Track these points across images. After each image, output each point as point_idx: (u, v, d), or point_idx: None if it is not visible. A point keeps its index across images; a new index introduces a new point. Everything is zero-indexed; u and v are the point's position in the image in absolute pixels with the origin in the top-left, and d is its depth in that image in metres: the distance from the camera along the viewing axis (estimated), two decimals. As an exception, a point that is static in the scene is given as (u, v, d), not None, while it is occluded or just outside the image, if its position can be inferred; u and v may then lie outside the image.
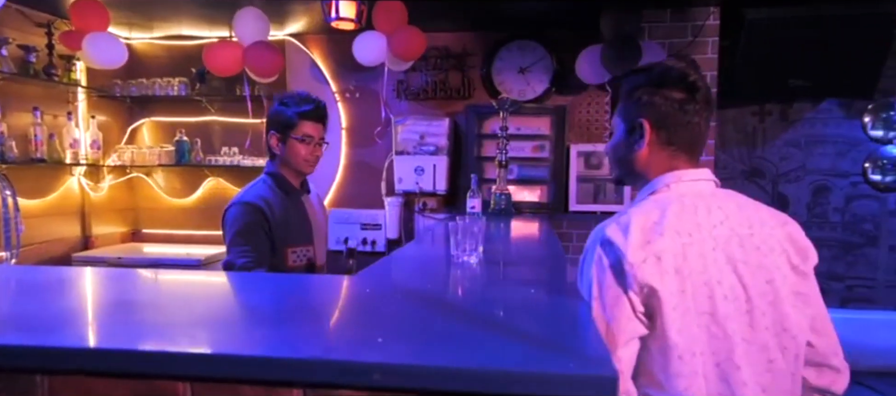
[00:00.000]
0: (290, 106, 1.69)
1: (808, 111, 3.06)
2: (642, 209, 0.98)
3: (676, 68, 1.03)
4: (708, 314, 0.92)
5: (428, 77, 3.41)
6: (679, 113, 1.01)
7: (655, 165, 1.04)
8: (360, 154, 3.55)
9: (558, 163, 3.07)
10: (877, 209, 3.01)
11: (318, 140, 1.74)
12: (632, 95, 1.06)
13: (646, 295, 0.92)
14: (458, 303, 0.96)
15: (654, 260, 0.91)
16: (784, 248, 0.96)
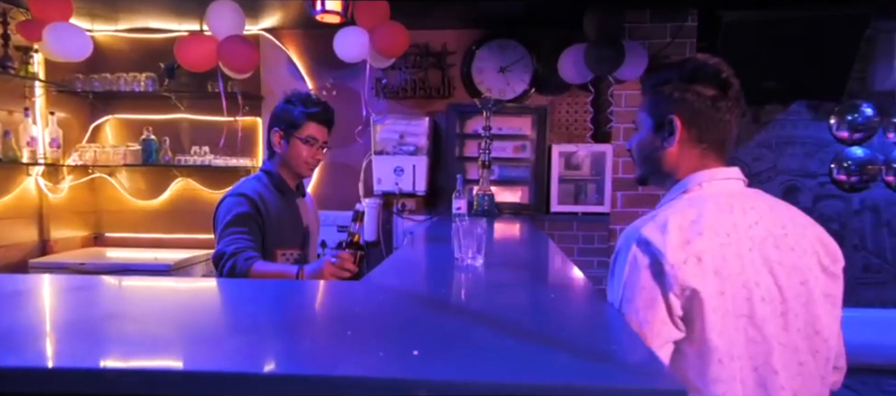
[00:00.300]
0: (298, 105, 1.65)
1: (778, 113, 3.15)
2: (677, 208, 0.95)
3: (710, 64, 0.99)
4: (746, 317, 0.90)
5: (407, 75, 3.36)
6: (711, 110, 0.98)
7: (685, 163, 1.02)
8: (336, 154, 3.46)
9: (539, 163, 3.07)
10: (842, 209, 3.12)
11: (321, 143, 1.69)
12: (661, 91, 1.02)
13: (686, 298, 0.89)
14: (482, 310, 0.91)
15: (694, 261, 0.89)
16: (815, 249, 0.95)
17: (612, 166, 2.94)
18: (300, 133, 1.64)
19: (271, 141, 1.68)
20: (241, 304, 0.94)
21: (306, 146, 1.65)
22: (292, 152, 1.66)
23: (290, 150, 1.66)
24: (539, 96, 3.27)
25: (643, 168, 1.10)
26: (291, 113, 1.64)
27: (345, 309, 0.90)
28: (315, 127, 1.66)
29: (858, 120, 3.08)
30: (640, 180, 1.13)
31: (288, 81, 3.44)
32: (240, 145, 3.44)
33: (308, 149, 1.66)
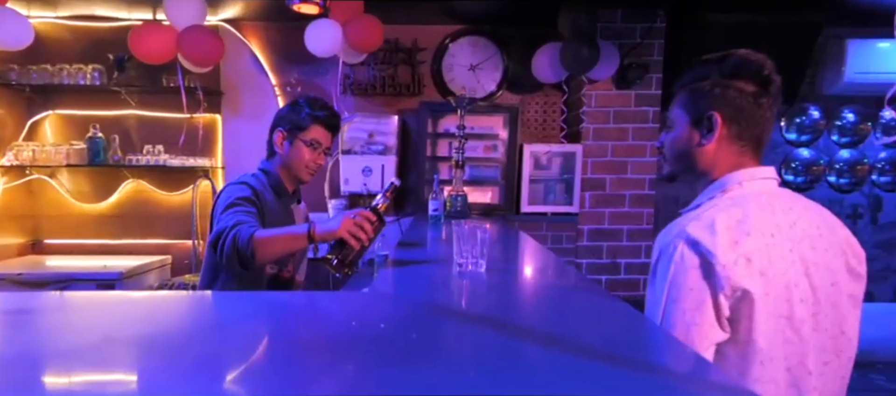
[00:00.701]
0: (304, 107, 1.61)
1: (737, 115, 3.27)
2: (722, 208, 0.94)
3: (752, 59, 0.98)
4: (785, 318, 0.90)
5: (376, 72, 3.28)
6: (753, 107, 0.97)
7: (722, 160, 1.00)
8: (302, 153, 3.33)
9: (510, 163, 3.06)
10: (795, 206, 3.28)
11: (324, 149, 1.65)
12: (700, 87, 1.01)
13: (737, 299, 0.88)
14: (517, 322, 0.86)
15: (744, 262, 0.88)
16: (844, 250, 0.96)
17: (581, 166, 2.96)
18: (305, 136, 1.60)
19: (273, 141, 1.64)
20: (247, 322, 0.85)
21: (309, 149, 1.61)
22: (294, 155, 1.62)
23: (293, 152, 1.62)
24: (509, 95, 3.27)
25: (675, 165, 1.08)
26: (298, 114, 1.60)
27: (370, 325, 0.83)
28: (321, 131, 1.62)
29: (806, 123, 3.24)
30: (668, 178, 1.12)
31: (250, 77, 3.29)
32: (201, 144, 3.26)
33: (311, 153, 1.62)
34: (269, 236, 1.33)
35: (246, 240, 1.31)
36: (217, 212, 1.48)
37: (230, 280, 1.56)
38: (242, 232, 1.32)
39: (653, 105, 2.97)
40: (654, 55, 2.94)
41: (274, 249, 1.32)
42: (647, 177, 2.98)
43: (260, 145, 1.88)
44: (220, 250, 1.35)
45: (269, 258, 1.34)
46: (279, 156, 1.65)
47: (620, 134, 2.98)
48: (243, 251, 1.30)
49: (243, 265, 1.32)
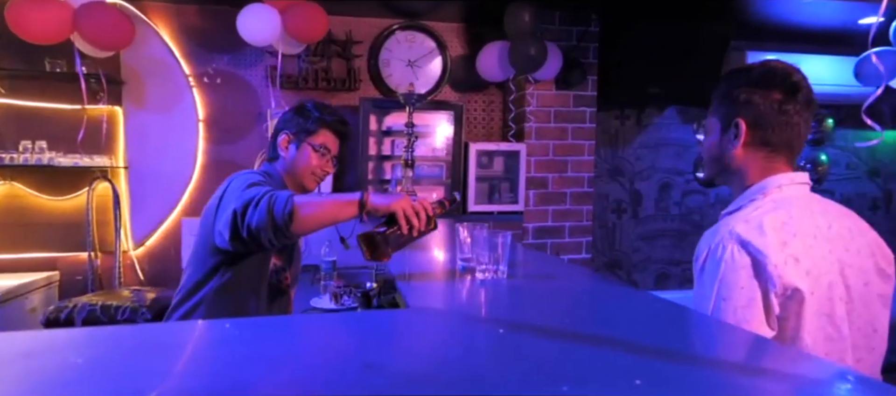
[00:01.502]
0: (314, 111, 1.52)
1: (656, 117, 3.52)
2: (767, 210, 0.97)
3: (779, 68, 1.02)
4: (827, 316, 0.94)
5: (307, 65, 3.04)
6: (778, 113, 1.01)
7: (752, 164, 1.04)
8: (223, 151, 3.00)
9: (456, 162, 3.01)
10: (702, 202, 3.61)
11: (332, 155, 1.54)
12: (730, 95, 1.05)
13: (788, 297, 0.91)
14: (596, 332, 0.80)
15: (793, 262, 0.92)
16: (873, 251, 1.02)
17: (525, 164, 2.99)
18: (313, 140, 1.50)
19: (277, 144, 1.51)
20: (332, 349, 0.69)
21: (317, 155, 1.50)
22: (301, 159, 1.49)
23: (299, 156, 1.49)
24: (450, 93, 3.21)
25: (711, 169, 1.13)
26: (306, 118, 1.51)
27: (453, 345, 0.71)
28: (330, 136, 1.53)
29: (713, 125, 3.58)
30: (706, 182, 1.18)
31: (157, 65, 2.89)
32: (104, 140, 2.80)
33: (318, 159, 1.50)
34: (312, 201, 1.16)
35: (284, 203, 1.13)
36: (233, 194, 1.26)
37: (226, 282, 1.36)
38: (279, 196, 1.15)
39: (590, 106, 3.09)
40: (590, 58, 3.06)
41: (316, 215, 1.15)
42: (585, 175, 3.09)
43: (173, 141, 1.67)
44: (245, 221, 1.15)
45: (309, 226, 1.15)
46: (283, 160, 1.52)
47: (560, 133, 3.06)
48: (279, 216, 1.12)
49: (275, 237, 1.14)
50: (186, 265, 1.44)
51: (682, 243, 3.58)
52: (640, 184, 3.51)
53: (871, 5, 2.82)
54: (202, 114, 2.98)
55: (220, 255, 1.34)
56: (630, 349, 0.66)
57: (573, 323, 0.85)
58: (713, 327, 0.85)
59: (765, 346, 0.74)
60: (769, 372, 0.62)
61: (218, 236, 1.25)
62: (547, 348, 0.69)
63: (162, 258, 2.95)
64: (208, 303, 1.36)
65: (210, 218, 1.32)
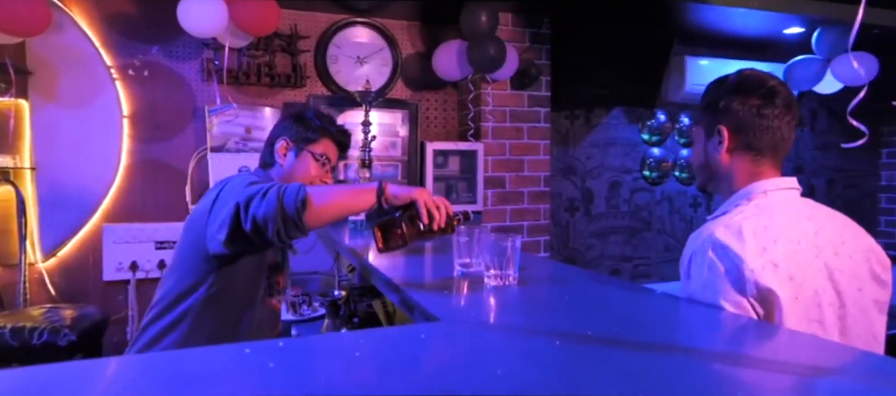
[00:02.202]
0: (315, 119, 1.45)
1: (604, 117, 3.58)
2: (748, 215, 0.98)
3: (755, 75, 1.05)
4: (817, 322, 0.94)
5: (248, 59, 2.82)
6: (757, 118, 1.03)
7: (738, 170, 1.06)
8: (152, 151, 2.71)
9: (412, 162, 2.89)
10: (649, 200, 3.71)
11: (331, 167, 1.47)
12: (712, 104, 1.08)
13: (765, 302, 0.91)
14: (676, 342, 0.75)
15: (771, 267, 0.91)
16: (868, 257, 1.01)
17: (483, 164, 2.93)
18: (314, 148, 1.41)
19: (274, 151, 1.42)
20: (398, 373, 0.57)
21: (316, 164, 1.41)
22: (300, 167, 1.40)
23: (299, 164, 1.40)
24: (402, 91, 3.09)
25: (700, 176, 1.15)
26: (307, 125, 1.43)
27: (507, 364, 0.62)
28: (331, 146, 1.45)
29: (655, 125, 3.69)
30: (699, 188, 1.17)
31: (70, 54, 2.56)
32: (11, 139, 2.43)
33: (318, 168, 1.41)
34: (326, 190, 1.09)
35: (295, 192, 1.03)
36: (232, 192, 1.14)
37: (216, 293, 1.21)
38: (289, 186, 1.05)
39: (544, 106, 3.08)
40: (543, 59, 3.06)
41: (331, 204, 1.07)
42: (542, 174, 3.07)
43: (91, 139, 1.47)
44: (250, 213, 1.04)
45: (324, 217, 1.07)
46: (280, 167, 1.42)
47: (516, 133, 3.02)
48: (292, 205, 1.02)
49: (286, 228, 1.03)
50: (165, 276, 1.28)
51: (633, 240, 3.65)
52: (591, 182, 3.55)
53: (794, 17, 3.02)
54: (127, 109, 2.67)
55: (212, 262, 1.19)
56: (701, 356, 0.60)
57: (627, 331, 0.80)
58: (750, 326, 0.80)
59: (826, 346, 0.70)
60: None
61: (211, 241, 1.13)
62: (619, 358, 0.62)
63: (78, 270, 2.60)
64: (195, 315, 1.18)
65: (200, 223, 1.19)
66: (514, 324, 0.80)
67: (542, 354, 0.64)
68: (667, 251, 3.75)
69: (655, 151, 3.72)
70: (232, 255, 1.15)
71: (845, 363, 0.62)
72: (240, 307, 1.24)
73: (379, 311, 1.59)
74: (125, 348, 2.62)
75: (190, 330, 1.16)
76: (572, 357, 0.62)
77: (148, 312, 1.24)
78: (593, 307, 0.97)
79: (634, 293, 1.03)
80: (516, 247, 1.07)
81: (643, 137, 3.69)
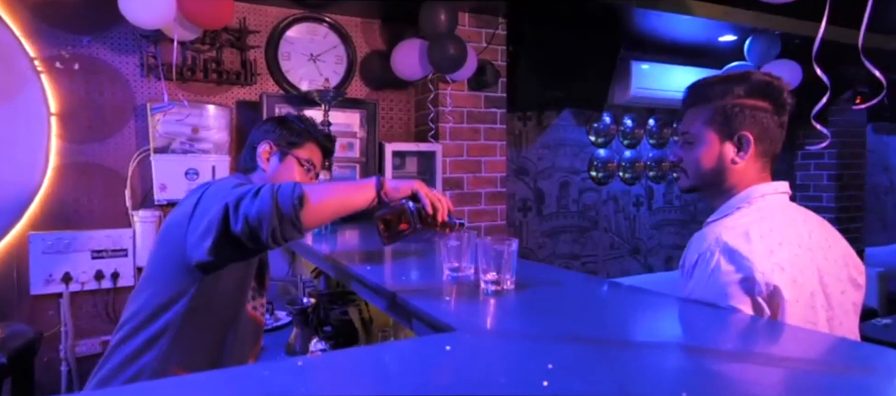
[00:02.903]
0: (300, 122, 1.40)
1: (554, 118, 3.67)
2: (754, 219, 0.99)
3: (775, 83, 1.04)
4: (812, 323, 0.97)
5: (192, 54, 2.65)
6: (776, 126, 1.04)
7: (748, 176, 1.06)
8: (86, 152, 2.49)
9: (370, 163, 2.83)
10: (596, 199, 3.84)
11: (316, 173, 1.43)
12: (730, 106, 1.04)
13: (772, 302, 0.93)
14: (703, 345, 0.75)
15: (778, 270, 0.94)
16: (846, 262, 1.07)
17: (441, 165, 2.92)
18: (299, 153, 1.36)
19: (256, 155, 1.35)
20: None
21: (301, 169, 1.36)
22: (284, 172, 1.33)
23: (283, 169, 1.34)
24: (357, 91, 3.02)
25: (699, 180, 1.10)
26: (291, 129, 1.37)
27: (555, 374, 0.60)
28: (316, 151, 1.40)
29: (601, 127, 3.83)
30: (689, 190, 1.14)
31: (-9, 43, 2.30)
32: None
33: (303, 173, 1.36)
34: (323, 186, 1.05)
35: (291, 189, 0.97)
36: (217, 195, 1.06)
37: (198, 306, 1.12)
38: (283, 184, 0.99)
39: (500, 107, 3.11)
40: (498, 60, 3.09)
41: (329, 201, 1.03)
42: (498, 175, 3.10)
43: (12, 139, 1.30)
44: (241, 213, 0.98)
45: (322, 215, 1.03)
46: (262, 173, 1.35)
47: (473, 134, 3.03)
48: (288, 203, 0.96)
49: (282, 229, 0.97)
50: (138, 291, 1.17)
51: (582, 238, 3.77)
52: (542, 183, 3.63)
53: (728, 25, 3.23)
54: (55, 106, 2.44)
55: (193, 273, 1.10)
56: (732, 358, 0.61)
57: (655, 334, 0.81)
58: (762, 325, 0.84)
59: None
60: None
61: (193, 249, 1.05)
62: (669, 364, 0.62)
63: (1, 284, 2.35)
64: (175, 331, 1.08)
65: (179, 230, 1.09)
66: (535, 332, 0.78)
67: (581, 362, 0.64)
68: (612, 248, 3.90)
69: (601, 152, 3.86)
70: (216, 264, 1.07)
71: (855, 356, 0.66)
72: (224, 322, 1.16)
73: (355, 318, 1.54)
74: (59, 366, 2.39)
75: (169, 348, 1.07)
76: (614, 364, 0.62)
77: (118, 330, 1.13)
78: (606, 310, 0.97)
79: (630, 294, 1.05)
80: (513, 251, 1.06)
81: (590, 139, 3.82)
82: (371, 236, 2.03)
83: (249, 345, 1.24)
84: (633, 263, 3.98)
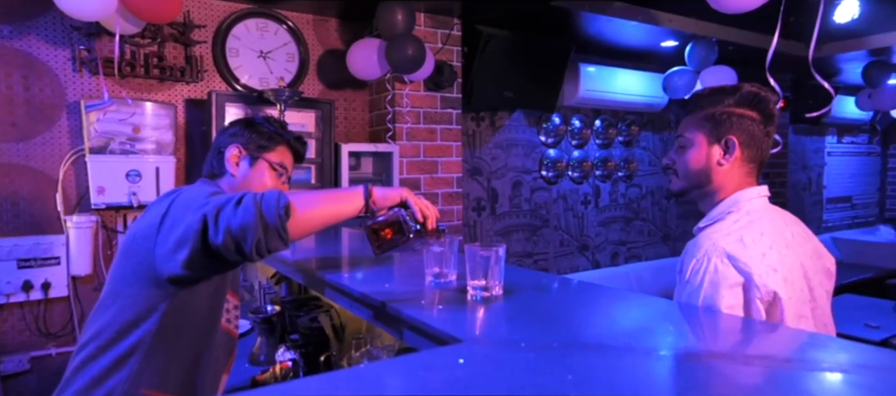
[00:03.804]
0: (267, 125, 1.32)
1: (506, 119, 3.71)
2: (744, 224, 1.05)
3: (763, 94, 1.11)
4: (803, 318, 1.04)
5: (132, 48, 2.48)
6: (762, 134, 1.11)
7: (733, 180, 1.11)
8: (6, 152, 2.29)
9: (326, 164, 2.75)
10: (547, 198, 3.93)
11: (288, 177, 1.34)
12: (721, 113, 1.10)
13: (769, 304, 0.99)
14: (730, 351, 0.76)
15: (772, 271, 0.99)
16: (820, 254, 1.15)
17: (398, 166, 2.89)
18: (270, 156, 1.28)
19: (224, 160, 1.26)
20: None
21: (273, 174, 1.28)
22: (255, 178, 1.26)
23: (254, 174, 1.26)
24: (311, 90, 2.94)
25: (688, 182, 1.16)
26: (259, 131, 1.29)
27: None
28: (288, 154, 1.33)
29: (551, 128, 3.92)
30: (678, 193, 1.19)
31: None
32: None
33: (274, 178, 1.28)
34: (309, 196, 0.99)
35: (276, 198, 0.92)
36: (190, 205, 0.98)
37: (171, 323, 1.04)
38: (267, 193, 0.94)
39: (455, 107, 3.11)
40: (454, 60, 3.09)
41: (317, 211, 0.99)
42: (454, 175, 3.10)
43: None
44: (222, 224, 0.91)
45: (309, 225, 0.98)
46: (231, 178, 1.27)
47: (430, 135, 3.02)
48: (273, 213, 0.91)
49: (267, 239, 0.91)
50: (101, 307, 1.07)
51: (534, 236, 3.84)
52: (496, 182, 3.67)
53: (670, 31, 3.39)
54: (-26, 103, 2.21)
55: (164, 288, 1.00)
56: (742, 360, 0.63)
57: (663, 339, 0.81)
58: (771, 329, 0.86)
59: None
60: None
61: (165, 262, 0.97)
62: (684, 371, 0.63)
63: (-89, 302, 2.11)
64: (145, 350, 0.99)
65: (146, 242, 1.01)
66: (544, 341, 0.76)
67: (598, 372, 0.64)
68: (562, 245, 4.01)
69: (552, 152, 3.94)
70: (191, 278, 0.99)
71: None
72: (198, 338, 1.07)
73: (326, 325, 1.49)
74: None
75: (140, 368, 0.98)
76: (631, 371, 0.63)
77: (80, 350, 1.02)
78: (602, 316, 0.97)
79: (615, 297, 1.07)
80: (501, 257, 1.06)
81: (541, 139, 3.90)
82: (329, 239, 1.98)
83: (223, 360, 1.17)
84: (582, 259, 4.10)
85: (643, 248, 4.42)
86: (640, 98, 4.04)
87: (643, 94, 4.02)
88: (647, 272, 4.27)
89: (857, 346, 0.70)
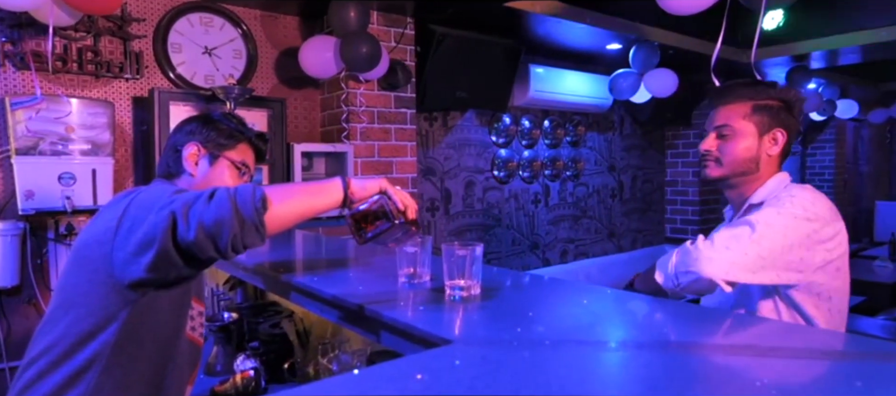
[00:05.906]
0: (226, 121, 1.25)
1: (459, 119, 3.73)
2: (799, 199, 1.18)
3: (794, 93, 1.26)
4: (844, 282, 1.22)
5: (64, 41, 2.31)
6: (796, 130, 1.26)
7: (772, 168, 1.26)
8: (-78, 154, 2.07)
9: (278, 165, 2.67)
10: (499, 197, 3.98)
11: (250, 176, 1.29)
12: (768, 108, 1.23)
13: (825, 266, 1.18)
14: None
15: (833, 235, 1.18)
16: None
17: (352, 166, 2.84)
18: (231, 154, 1.22)
19: (182, 159, 1.19)
20: None
21: (235, 173, 1.23)
22: (215, 177, 1.19)
23: (214, 173, 1.20)
24: (259, 88, 2.84)
25: (732, 169, 1.26)
26: (218, 129, 1.23)
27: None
28: (249, 152, 1.27)
29: (502, 128, 3.98)
30: (716, 179, 1.28)
31: None
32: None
33: (237, 177, 1.23)
34: (285, 188, 0.98)
35: (251, 192, 0.88)
36: (152, 204, 0.91)
37: (131, 334, 0.97)
38: (241, 187, 0.90)
39: (409, 107, 3.10)
40: (408, 59, 3.07)
41: (293, 203, 0.95)
42: (409, 176, 3.08)
43: None
44: (194, 220, 0.85)
45: (285, 219, 0.94)
46: (189, 178, 1.20)
47: (384, 134, 2.99)
48: (249, 206, 0.86)
49: (243, 234, 0.87)
50: (51, 318, 0.98)
51: (487, 236, 3.88)
52: (449, 182, 3.68)
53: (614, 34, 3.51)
54: None
55: (124, 295, 0.93)
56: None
57: (665, 335, 0.83)
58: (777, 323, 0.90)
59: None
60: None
61: (126, 266, 0.90)
62: (687, 363, 0.64)
63: None
64: (104, 362, 0.92)
65: (102, 247, 0.93)
66: (534, 338, 0.76)
67: (599, 367, 0.65)
68: (514, 244, 4.07)
69: (503, 152, 4.00)
70: (155, 282, 0.93)
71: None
72: (162, 348, 1.00)
73: (290, 331, 1.44)
74: None
75: (99, 383, 0.91)
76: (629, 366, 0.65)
77: (30, 366, 0.93)
78: (583, 312, 0.98)
79: (583, 292, 1.09)
80: (478, 256, 1.06)
81: (492, 139, 3.94)
82: (284, 243, 1.92)
83: (187, 372, 1.10)
84: (533, 258, 4.18)
85: (590, 245, 4.56)
86: (587, 99, 4.17)
87: (590, 95, 4.15)
88: (594, 268, 4.41)
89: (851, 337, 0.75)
